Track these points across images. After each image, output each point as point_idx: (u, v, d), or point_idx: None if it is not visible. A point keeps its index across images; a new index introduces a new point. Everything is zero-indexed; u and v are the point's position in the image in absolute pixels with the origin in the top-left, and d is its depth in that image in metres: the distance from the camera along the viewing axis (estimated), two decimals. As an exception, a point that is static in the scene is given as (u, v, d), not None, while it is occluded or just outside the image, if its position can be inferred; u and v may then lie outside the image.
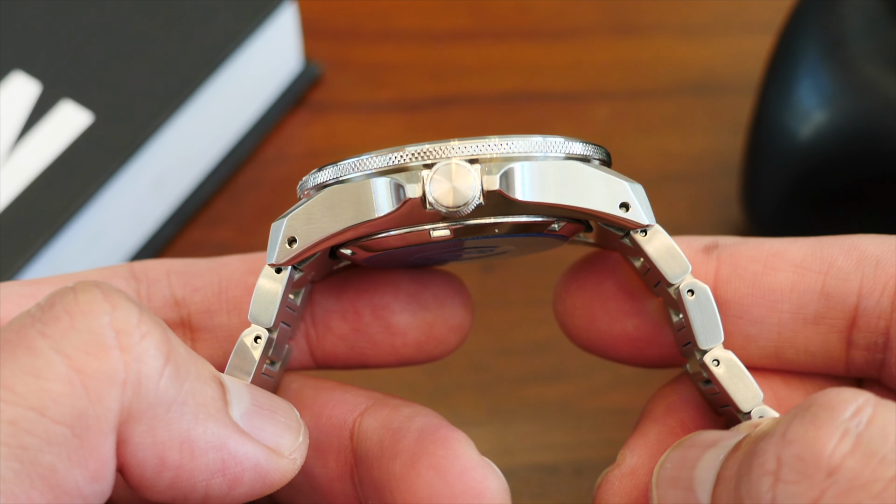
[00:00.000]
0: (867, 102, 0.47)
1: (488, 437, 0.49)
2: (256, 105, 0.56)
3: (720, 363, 0.32)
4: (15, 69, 0.51)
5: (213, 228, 0.54)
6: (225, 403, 0.29)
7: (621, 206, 0.32)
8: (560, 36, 0.60)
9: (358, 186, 0.31)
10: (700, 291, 0.32)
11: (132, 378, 0.28)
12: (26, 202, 0.48)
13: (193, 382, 0.29)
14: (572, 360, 0.51)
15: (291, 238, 0.32)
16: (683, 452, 0.30)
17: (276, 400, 0.31)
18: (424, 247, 0.32)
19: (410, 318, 0.35)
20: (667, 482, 0.30)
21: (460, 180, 0.30)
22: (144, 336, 0.28)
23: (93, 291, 0.28)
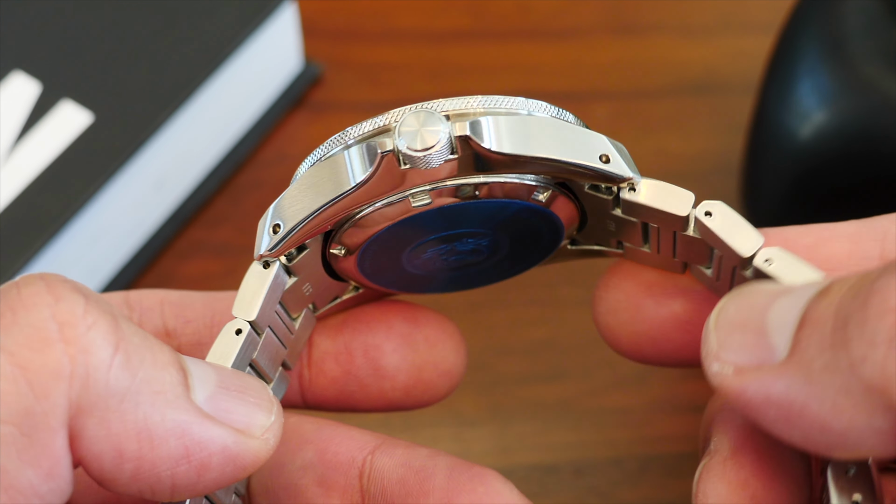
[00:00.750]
0: (867, 102, 0.47)
1: (488, 437, 0.49)
2: (256, 105, 0.56)
3: (712, 214, 0.30)
4: (15, 69, 0.51)
5: (213, 228, 0.54)
6: (186, 388, 0.28)
7: (601, 157, 0.30)
8: (560, 36, 0.60)
9: (336, 159, 0.30)
10: (716, 207, 0.31)
11: (79, 371, 0.27)
12: (26, 202, 0.48)
13: (148, 370, 0.28)
14: (572, 360, 0.51)
15: (276, 225, 0.31)
16: (748, 299, 0.29)
17: (245, 379, 0.30)
18: (410, 233, 0.31)
19: (400, 360, 0.34)
20: (730, 326, 0.29)
21: (428, 125, 0.29)
22: (91, 327, 0.27)
23: (36, 284, 0.28)
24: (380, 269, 0.33)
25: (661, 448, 0.48)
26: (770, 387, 0.27)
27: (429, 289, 0.35)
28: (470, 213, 0.31)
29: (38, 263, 0.47)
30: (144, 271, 0.52)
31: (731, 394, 0.28)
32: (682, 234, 0.31)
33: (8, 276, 0.46)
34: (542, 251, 0.34)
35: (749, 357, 0.28)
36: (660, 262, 0.33)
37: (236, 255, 0.53)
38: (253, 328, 0.32)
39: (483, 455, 0.48)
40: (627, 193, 0.31)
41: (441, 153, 0.29)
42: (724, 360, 0.28)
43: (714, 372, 0.28)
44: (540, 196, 0.31)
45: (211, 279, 0.53)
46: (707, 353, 0.29)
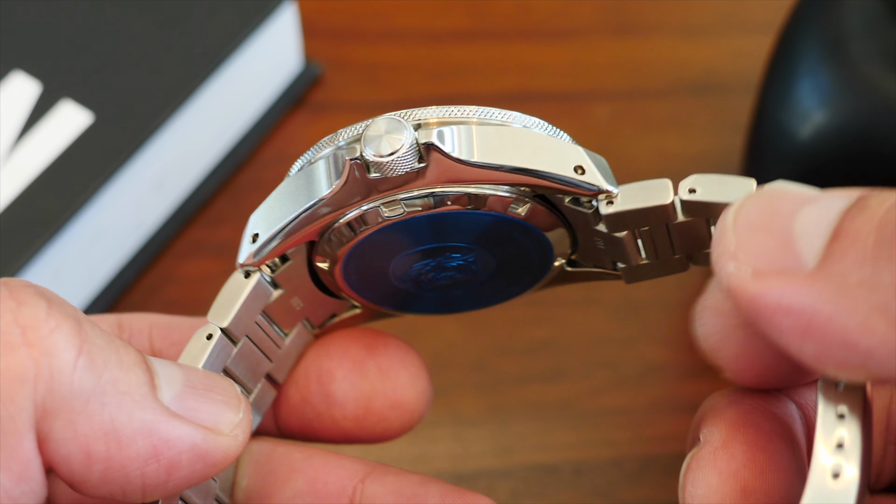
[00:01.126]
0: (867, 102, 0.46)
1: (488, 437, 0.49)
2: (256, 105, 0.56)
3: (696, 189, 0.29)
4: (15, 69, 0.51)
5: (214, 228, 0.54)
6: (153, 388, 0.28)
7: (576, 169, 0.30)
8: (560, 36, 0.60)
9: (311, 168, 0.30)
10: (695, 180, 0.29)
11: (43, 373, 0.27)
12: (26, 202, 0.48)
13: (114, 371, 0.28)
14: (572, 360, 0.51)
15: (255, 234, 0.31)
16: (772, 202, 0.28)
17: (213, 378, 0.30)
18: (390, 244, 0.31)
19: (349, 388, 0.34)
20: (751, 227, 0.27)
21: (393, 132, 0.29)
22: (53, 330, 0.27)
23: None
24: (367, 283, 0.33)
25: (661, 448, 0.48)
26: (793, 295, 0.26)
27: (424, 308, 0.35)
28: (446, 224, 0.31)
29: (38, 263, 0.47)
30: (144, 271, 0.52)
31: (744, 296, 0.27)
32: (675, 225, 0.30)
33: (8, 276, 0.46)
34: (534, 272, 0.33)
35: (772, 262, 0.27)
36: (662, 267, 0.32)
37: (236, 255, 0.53)
38: (226, 335, 0.31)
39: (483, 455, 0.48)
40: (605, 207, 0.30)
41: (406, 160, 0.29)
42: (742, 262, 0.27)
43: (729, 272, 0.27)
44: (518, 209, 0.30)
45: (211, 279, 0.52)
46: (722, 252, 0.27)
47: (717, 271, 0.27)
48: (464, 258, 0.32)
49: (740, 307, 0.27)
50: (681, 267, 0.32)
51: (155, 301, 0.52)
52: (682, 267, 0.32)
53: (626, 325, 0.52)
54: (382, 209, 0.30)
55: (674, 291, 0.52)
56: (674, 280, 0.53)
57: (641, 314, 0.52)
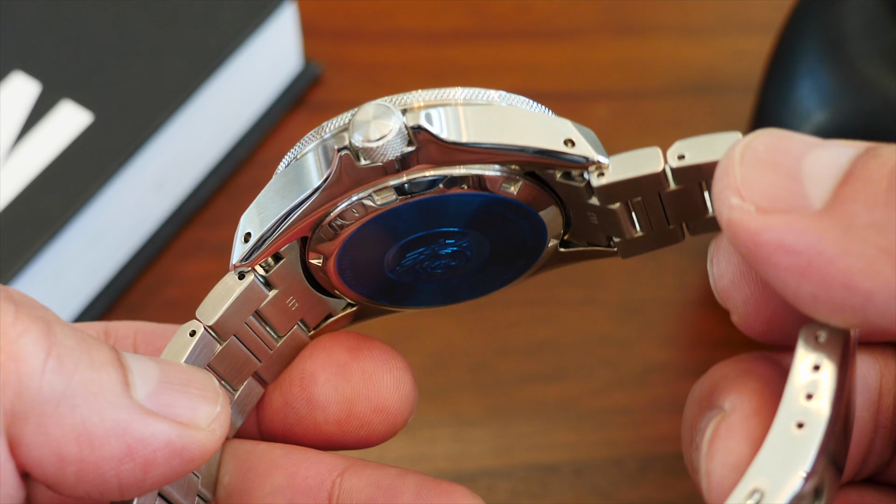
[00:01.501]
0: (867, 102, 0.47)
1: (488, 437, 0.49)
2: (256, 105, 0.56)
3: (685, 156, 0.29)
4: (15, 69, 0.51)
5: (214, 228, 0.54)
6: (126, 386, 0.28)
7: (565, 142, 0.29)
8: (560, 36, 0.60)
9: (300, 163, 0.30)
10: (683, 145, 0.29)
11: (11, 379, 0.27)
12: (26, 202, 0.48)
13: (84, 372, 0.28)
14: (572, 360, 0.51)
15: (247, 234, 0.31)
16: (781, 142, 0.28)
17: (189, 372, 0.30)
18: (384, 234, 0.31)
19: (332, 391, 0.33)
20: (758, 163, 0.27)
21: (381, 117, 0.29)
22: (21, 334, 0.27)
23: None
24: (362, 278, 0.33)
25: (661, 448, 0.48)
26: (797, 233, 0.26)
27: (420, 301, 0.34)
28: (439, 208, 0.31)
29: (38, 263, 0.47)
30: (144, 271, 0.52)
31: (745, 232, 0.26)
32: (667, 194, 0.30)
33: (8, 276, 0.46)
34: (528, 254, 0.33)
35: (777, 200, 0.27)
36: (657, 239, 0.32)
37: (236, 255, 0.53)
38: (211, 333, 0.31)
39: (483, 455, 0.48)
40: (597, 179, 0.30)
41: (395, 145, 0.29)
42: (746, 196, 0.27)
43: (732, 205, 0.27)
44: (510, 188, 0.30)
45: (211, 279, 0.52)
46: (726, 186, 0.27)
47: (717, 205, 0.27)
48: (458, 244, 0.32)
49: (739, 242, 0.27)
50: (676, 237, 0.32)
51: (155, 301, 0.52)
52: (678, 237, 0.32)
53: (626, 325, 0.52)
54: (375, 197, 0.30)
55: (674, 291, 0.52)
56: (674, 280, 0.53)
57: (641, 314, 0.52)
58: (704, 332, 0.52)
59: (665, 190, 0.30)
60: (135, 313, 0.51)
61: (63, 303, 0.50)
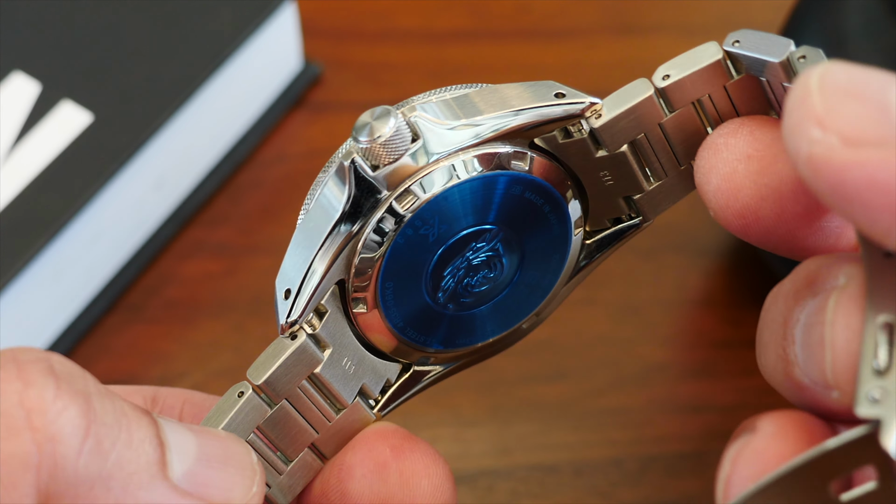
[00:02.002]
0: (867, 102, 0.46)
1: (488, 437, 0.49)
2: (256, 105, 0.56)
3: (670, 76, 0.30)
4: (15, 69, 0.51)
5: (214, 228, 0.54)
6: (162, 465, 0.28)
7: (556, 95, 0.30)
8: (560, 36, 0.60)
9: (318, 201, 0.30)
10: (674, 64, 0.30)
11: (46, 461, 0.26)
12: (26, 202, 0.48)
13: (122, 451, 0.27)
14: (572, 360, 0.51)
15: (286, 291, 0.31)
16: (860, 72, 0.25)
17: (229, 446, 0.30)
18: (416, 250, 0.31)
19: (366, 488, 0.32)
20: (842, 93, 0.25)
21: (379, 118, 0.29)
22: (60, 413, 0.27)
23: (6, 368, 0.27)
24: (409, 316, 0.32)
25: (661, 448, 0.48)
26: (893, 169, 0.23)
27: (474, 334, 0.34)
28: (460, 201, 0.31)
29: (38, 263, 0.47)
30: (144, 271, 0.52)
31: (829, 167, 0.24)
32: (667, 125, 0.30)
33: (8, 276, 0.46)
34: (558, 244, 0.33)
35: (866, 132, 0.24)
36: (675, 188, 0.32)
37: (236, 255, 0.53)
38: (260, 394, 0.31)
39: (483, 455, 0.48)
40: (596, 121, 0.30)
41: (400, 140, 0.29)
42: (829, 128, 0.24)
43: (813, 138, 0.24)
44: (522, 164, 0.31)
45: (211, 279, 0.53)
46: (803, 117, 0.25)
47: (793, 139, 0.25)
48: (489, 246, 0.32)
49: (820, 179, 0.24)
50: (693, 180, 0.32)
51: (155, 301, 0.52)
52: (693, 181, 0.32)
53: (626, 325, 0.52)
54: (396, 206, 0.30)
55: (674, 291, 0.52)
56: (674, 280, 0.53)
57: (641, 314, 0.52)
58: (704, 332, 0.52)
59: (661, 120, 0.30)
60: (135, 313, 0.51)
61: (63, 303, 0.50)
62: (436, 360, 0.34)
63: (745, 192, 0.29)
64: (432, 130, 0.30)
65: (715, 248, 0.54)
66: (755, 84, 0.30)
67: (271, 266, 0.53)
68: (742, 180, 0.29)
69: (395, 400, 0.33)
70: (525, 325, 0.34)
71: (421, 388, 0.34)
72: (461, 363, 0.34)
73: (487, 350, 0.34)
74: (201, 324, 0.51)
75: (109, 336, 0.51)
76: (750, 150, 0.29)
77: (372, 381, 0.33)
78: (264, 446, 0.31)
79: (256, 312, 0.52)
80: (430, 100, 0.31)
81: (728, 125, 0.30)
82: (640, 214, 0.33)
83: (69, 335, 0.50)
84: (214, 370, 0.50)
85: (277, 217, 0.54)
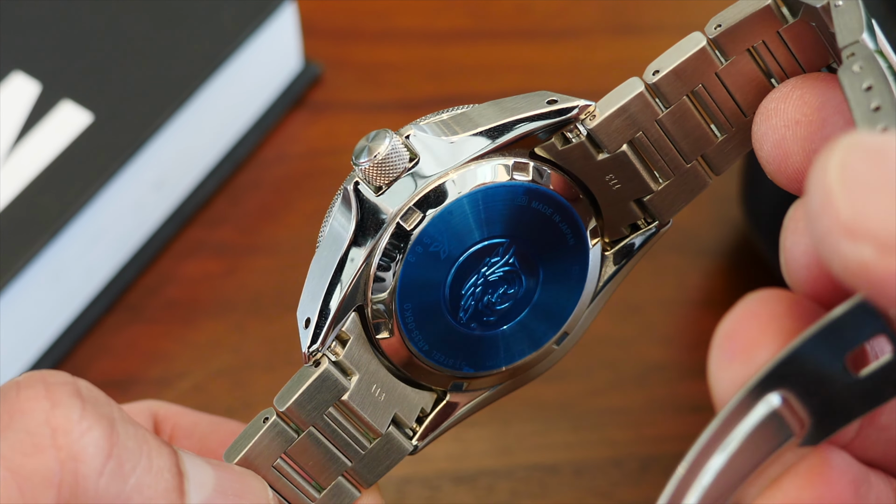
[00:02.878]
0: (867, 102, 0.46)
1: (488, 437, 0.49)
2: (256, 105, 0.56)
3: (658, 72, 0.30)
4: (15, 69, 0.51)
5: (214, 228, 0.54)
6: (180, 494, 0.28)
7: (548, 102, 0.31)
8: (560, 36, 0.60)
9: (328, 231, 0.31)
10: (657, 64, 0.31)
11: (68, 479, 0.27)
12: (26, 202, 0.48)
13: (142, 476, 0.28)
14: (572, 360, 0.51)
15: (306, 320, 0.31)
16: (880, 153, 0.22)
17: (245, 481, 0.30)
18: (429, 267, 0.31)
19: None
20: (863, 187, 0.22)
21: (375, 138, 0.30)
22: (84, 433, 0.27)
23: (35, 387, 0.28)
24: (433, 338, 0.32)
25: (661, 448, 0.48)
26: None
27: (503, 356, 0.33)
28: (465, 215, 0.31)
29: (38, 263, 0.47)
30: (144, 271, 0.52)
31: (867, 281, 0.22)
32: (664, 121, 0.31)
33: (8, 276, 0.46)
34: (576, 255, 0.32)
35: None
36: (685, 185, 0.32)
37: (236, 255, 0.53)
38: (285, 421, 0.31)
39: (483, 455, 0.48)
40: (591, 122, 0.31)
41: (398, 157, 0.30)
42: (861, 237, 0.22)
43: (844, 253, 0.22)
44: (523, 176, 0.31)
45: (211, 279, 0.53)
46: (830, 228, 0.22)
47: (824, 252, 0.22)
48: (504, 261, 0.32)
49: (862, 285, 0.22)
50: (702, 179, 0.32)
51: (155, 301, 0.52)
52: (703, 178, 0.32)
53: (626, 325, 0.52)
54: (402, 224, 0.30)
55: (674, 291, 0.52)
56: (674, 280, 0.53)
57: (641, 314, 0.52)
58: (704, 332, 0.51)
59: (659, 116, 0.31)
60: (135, 313, 0.51)
61: (63, 303, 0.50)
62: (470, 386, 0.34)
63: (794, 157, 0.28)
64: (430, 148, 0.30)
65: (715, 248, 0.54)
66: (749, 63, 0.30)
67: (271, 266, 0.53)
68: (791, 146, 0.28)
69: (433, 430, 0.33)
70: (556, 345, 0.34)
71: (459, 418, 0.34)
72: (498, 390, 0.34)
73: (522, 374, 0.34)
74: (201, 324, 0.51)
75: (109, 336, 0.51)
76: (798, 115, 0.28)
77: (405, 410, 0.33)
78: (294, 473, 0.32)
79: (256, 312, 0.52)
80: (427, 122, 0.31)
81: (781, 88, 0.29)
82: (654, 218, 0.33)
83: (69, 335, 0.50)
84: (214, 370, 0.50)
85: (277, 217, 0.54)
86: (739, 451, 0.26)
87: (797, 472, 0.26)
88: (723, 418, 0.26)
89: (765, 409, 0.25)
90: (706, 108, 0.31)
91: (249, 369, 0.50)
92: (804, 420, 0.26)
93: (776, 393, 0.25)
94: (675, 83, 0.30)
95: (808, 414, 0.26)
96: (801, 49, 0.29)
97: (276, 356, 0.50)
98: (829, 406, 0.25)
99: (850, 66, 0.26)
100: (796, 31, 0.29)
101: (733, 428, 0.26)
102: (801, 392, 0.25)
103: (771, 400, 0.25)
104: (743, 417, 0.26)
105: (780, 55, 0.30)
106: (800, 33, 0.29)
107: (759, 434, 0.26)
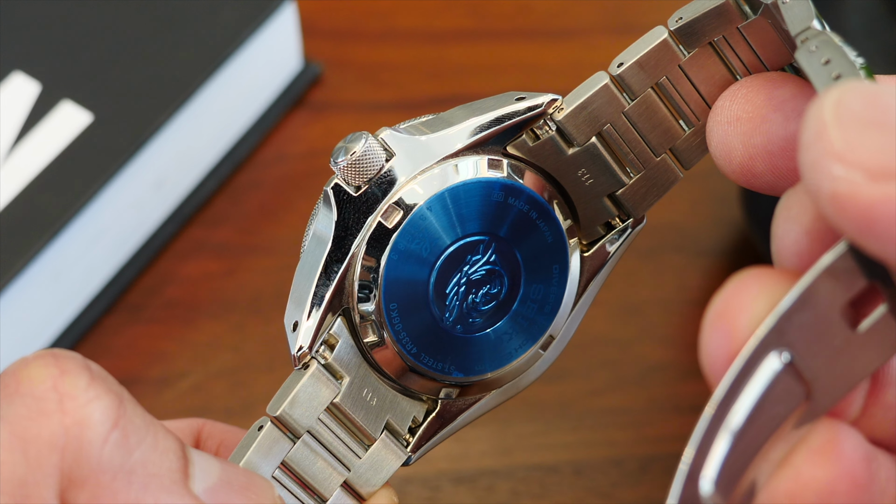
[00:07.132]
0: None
1: (488, 437, 0.49)
2: (256, 105, 0.56)
3: (623, 66, 0.32)
4: (15, 69, 0.51)
5: (214, 228, 0.54)
6: (185, 476, 0.28)
7: (516, 100, 0.31)
8: (560, 36, 0.60)
9: (311, 235, 0.31)
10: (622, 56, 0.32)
11: (72, 444, 0.27)
12: (26, 202, 0.48)
13: (147, 452, 0.28)
14: (572, 360, 0.51)
15: (294, 324, 0.31)
16: (876, 96, 0.24)
17: (251, 477, 0.30)
18: (412, 264, 0.31)
19: None
20: (858, 122, 0.23)
21: (351, 139, 0.31)
22: (91, 400, 0.27)
23: (45, 358, 0.28)
24: (421, 341, 0.32)
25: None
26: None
27: (491, 360, 0.34)
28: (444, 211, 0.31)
29: (38, 263, 0.47)
30: (144, 271, 0.52)
31: (855, 205, 0.23)
32: (631, 113, 0.31)
33: (8, 276, 0.46)
34: (555, 253, 0.33)
35: (892, 162, 0.22)
36: (655, 180, 0.32)
37: (236, 254, 0.53)
38: (279, 427, 0.31)
39: (483, 455, 0.48)
40: (560, 114, 0.31)
41: (374, 155, 0.30)
42: (852, 163, 0.23)
43: (835, 175, 0.23)
44: (498, 173, 0.31)
45: (211, 279, 0.53)
46: (822, 154, 0.23)
47: (814, 177, 0.24)
48: (484, 259, 0.32)
49: (846, 217, 0.23)
50: (672, 172, 0.32)
51: (155, 301, 0.52)
52: (674, 172, 0.32)
53: (626, 325, 0.52)
54: (382, 222, 0.31)
55: (674, 291, 0.52)
56: (674, 280, 0.53)
57: (641, 314, 0.52)
58: (704, 332, 0.52)
59: (625, 108, 0.31)
60: (135, 313, 0.51)
61: (63, 303, 0.50)
62: (461, 393, 0.34)
63: (736, 152, 0.29)
64: (406, 147, 0.31)
65: (715, 248, 0.54)
66: (711, 57, 0.31)
67: (271, 266, 0.53)
68: (732, 141, 0.29)
69: (426, 440, 0.33)
70: (542, 350, 0.34)
71: (453, 429, 0.34)
72: (488, 401, 0.34)
73: (511, 383, 0.35)
74: (201, 324, 0.51)
75: (109, 336, 0.51)
76: (740, 112, 0.29)
77: (397, 417, 0.33)
78: (295, 486, 0.32)
79: (256, 312, 0.52)
80: (404, 125, 0.32)
81: (732, 86, 0.30)
82: (629, 214, 0.33)
83: (69, 335, 0.50)
84: (214, 370, 0.50)
85: (277, 217, 0.54)
86: (757, 408, 0.25)
87: (810, 449, 0.26)
88: (734, 375, 0.26)
89: (774, 364, 0.25)
90: (671, 100, 0.31)
91: (249, 369, 0.50)
92: (809, 385, 0.26)
93: (779, 351, 0.25)
94: (639, 75, 0.31)
95: (812, 377, 0.25)
96: (762, 46, 0.30)
97: (276, 356, 0.50)
98: (832, 367, 0.25)
99: (806, 48, 0.27)
100: (757, 28, 0.30)
101: (745, 385, 0.26)
102: (804, 352, 0.25)
103: (776, 359, 0.25)
104: (753, 375, 0.25)
105: (742, 52, 0.30)
106: (760, 31, 0.30)
107: (772, 391, 0.25)
